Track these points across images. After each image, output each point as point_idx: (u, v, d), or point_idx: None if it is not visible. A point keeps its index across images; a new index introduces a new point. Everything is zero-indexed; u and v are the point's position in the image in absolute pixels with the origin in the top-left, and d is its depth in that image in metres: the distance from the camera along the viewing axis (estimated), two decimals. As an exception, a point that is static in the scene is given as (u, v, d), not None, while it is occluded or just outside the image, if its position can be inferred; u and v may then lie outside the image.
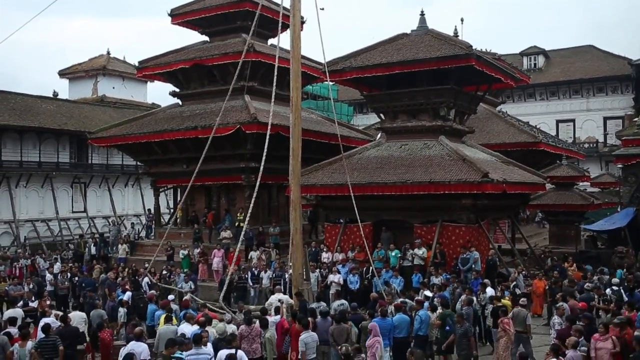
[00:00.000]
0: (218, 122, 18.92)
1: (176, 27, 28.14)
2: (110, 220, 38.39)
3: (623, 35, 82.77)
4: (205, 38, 28.33)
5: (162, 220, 30.43)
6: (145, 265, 20.59)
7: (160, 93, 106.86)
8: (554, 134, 44.45)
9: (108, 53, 50.68)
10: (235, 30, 26.63)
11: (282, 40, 16.58)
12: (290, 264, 15.77)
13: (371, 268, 17.95)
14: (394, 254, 19.89)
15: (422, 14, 23.29)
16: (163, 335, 11.70)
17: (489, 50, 30.51)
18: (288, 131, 15.31)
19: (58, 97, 43.23)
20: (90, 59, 50.70)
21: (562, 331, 12.09)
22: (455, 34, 28.90)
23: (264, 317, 12.74)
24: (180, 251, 22.92)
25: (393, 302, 14.18)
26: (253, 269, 20.05)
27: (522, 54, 51.25)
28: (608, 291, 15.61)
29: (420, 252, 19.48)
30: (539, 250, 25.32)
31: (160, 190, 29.91)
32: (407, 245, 20.06)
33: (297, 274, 15.00)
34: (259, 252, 21.76)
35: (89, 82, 48.72)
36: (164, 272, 20.67)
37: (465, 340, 12.29)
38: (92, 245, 26.87)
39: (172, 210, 33.09)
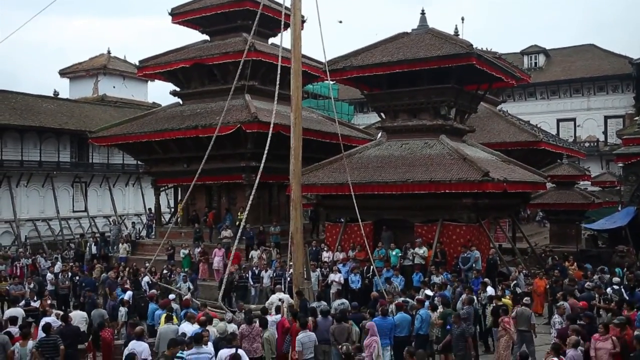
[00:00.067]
0: (222, 121, 18.92)
1: (176, 26, 28.16)
2: (111, 219, 38.41)
3: (624, 34, 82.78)
4: (206, 37, 28.34)
5: (162, 219, 30.48)
6: (146, 265, 20.60)
7: (160, 92, 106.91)
8: (554, 133, 44.45)
9: (108, 52, 50.66)
10: (236, 30, 26.63)
11: (283, 39, 16.59)
12: (291, 263, 15.77)
13: (372, 267, 17.97)
14: (395, 253, 19.91)
15: (422, 13, 23.29)
16: (164, 335, 11.70)
17: (489, 49, 30.57)
18: (289, 130, 15.29)
19: (59, 96, 43.20)
20: (91, 58, 50.67)
21: (563, 330, 12.07)
22: (456, 33, 28.93)
23: (263, 316, 12.74)
24: (181, 250, 22.93)
25: (394, 301, 14.20)
26: (254, 268, 20.07)
27: (523, 52, 51.21)
28: (609, 290, 15.60)
29: (421, 251, 19.49)
30: (540, 249, 25.33)
31: (161, 189, 29.92)
32: (408, 245, 20.07)
33: (297, 273, 14.99)
34: (259, 251, 21.78)
35: (90, 81, 48.71)
36: (164, 271, 20.68)
37: (462, 341, 12.29)
38: (92, 245, 26.88)
39: (172, 210, 33.11)
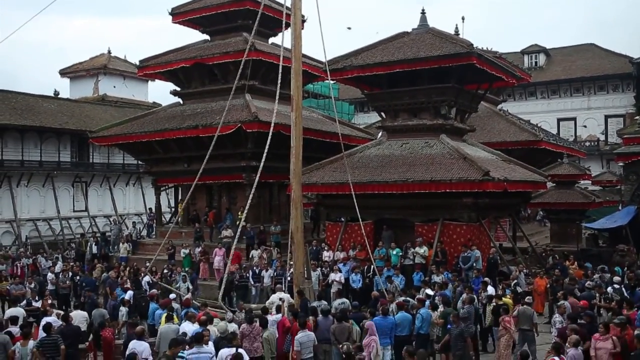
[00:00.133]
0: (222, 121, 18.92)
1: (177, 26, 28.15)
2: (111, 219, 38.38)
3: (624, 34, 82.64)
4: (206, 37, 28.33)
5: (163, 219, 30.49)
6: (147, 264, 20.61)
7: (161, 92, 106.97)
8: (555, 132, 44.46)
9: (109, 52, 50.65)
10: (236, 29, 26.63)
11: (281, 39, 16.62)
12: (291, 263, 15.78)
13: (372, 267, 17.98)
14: (395, 252, 19.91)
15: (423, 13, 23.28)
16: (164, 334, 11.71)
17: (490, 48, 30.55)
18: (289, 130, 15.31)
19: (59, 96, 43.21)
20: (91, 58, 50.66)
21: (564, 329, 12.07)
22: (456, 32, 28.94)
23: (263, 316, 12.74)
24: (182, 250, 22.94)
25: (394, 301, 14.20)
26: (254, 268, 20.08)
27: (523, 52, 51.23)
28: (609, 289, 15.60)
29: (422, 251, 19.48)
30: (540, 248, 25.32)
31: (162, 189, 29.94)
32: (409, 244, 20.07)
33: (298, 273, 15.01)
34: (260, 250, 21.79)
35: (90, 81, 48.70)
36: (165, 271, 20.69)
37: (460, 341, 12.30)
38: (93, 245, 26.88)
39: (173, 209, 33.13)
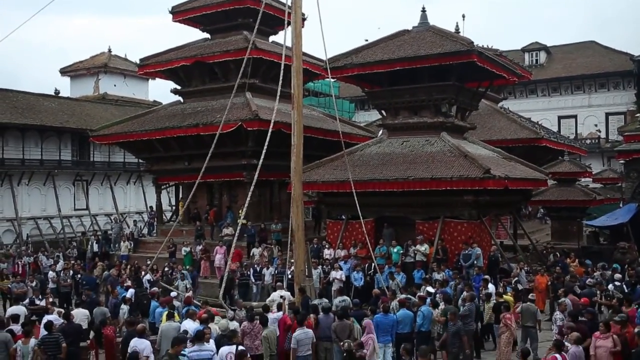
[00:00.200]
0: (223, 119, 18.93)
1: (177, 24, 28.15)
2: (112, 217, 38.45)
3: (625, 31, 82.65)
4: (207, 35, 28.32)
5: (164, 217, 30.51)
6: (148, 263, 20.63)
7: (161, 91, 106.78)
8: (555, 130, 44.39)
9: (109, 51, 50.61)
10: (237, 28, 26.62)
11: (283, 37, 16.63)
12: (292, 261, 15.79)
13: (373, 264, 17.99)
14: (396, 250, 19.93)
15: (423, 10, 23.25)
16: (165, 332, 11.72)
17: (490, 46, 30.55)
18: (289, 128, 15.30)
19: (60, 95, 43.22)
20: (92, 57, 50.63)
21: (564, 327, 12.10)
22: (457, 30, 28.86)
23: (263, 314, 12.75)
24: (183, 248, 22.96)
25: (395, 298, 14.21)
26: (255, 266, 20.11)
27: (524, 50, 51.17)
28: (610, 287, 15.61)
29: (423, 249, 19.49)
30: (541, 246, 25.33)
31: (162, 187, 29.96)
32: (409, 242, 20.08)
33: (299, 271, 15.02)
34: (261, 248, 21.81)
35: (91, 80, 48.70)
36: (165, 269, 20.71)
37: (457, 339, 12.31)
38: (94, 243, 26.92)
39: (173, 208, 33.16)
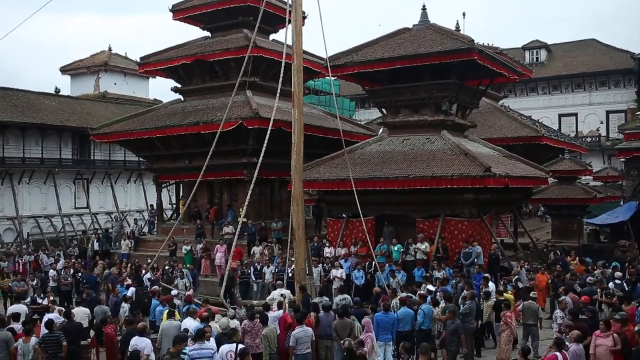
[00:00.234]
0: (224, 117, 18.93)
1: (177, 23, 28.15)
2: (113, 216, 38.44)
3: (626, 29, 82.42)
4: (207, 34, 28.31)
5: (164, 215, 30.52)
6: (148, 261, 20.65)
7: (162, 89, 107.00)
8: (556, 128, 44.35)
9: (110, 49, 50.58)
10: (237, 26, 26.62)
11: (284, 35, 16.65)
12: (292, 259, 15.79)
13: (374, 263, 17.99)
14: (397, 248, 19.93)
15: (423, 9, 23.21)
16: (166, 331, 11.73)
17: (490, 44, 30.51)
18: (290, 126, 15.30)
19: (60, 93, 43.22)
20: (92, 56, 50.61)
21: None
22: (457, 28, 28.84)
23: (263, 313, 12.78)
24: (183, 247, 22.97)
25: (395, 296, 14.21)
26: (256, 264, 20.12)
27: (524, 48, 51.13)
28: (611, 285, 15.61)
29: (423, 247, 19.49)
30: (542, 244, 25.32)
31: (163, 186, 29.97)
32: (410, 240, 20.08)
33: (299, 269, 15.03)
34: (261, 247, 21.81)
35: (91, 78, 48.70)
36: (166, 267, 20.73)
37: (455, 337, 12.33)
38: (95, 241, 26.93)
39: (174, 206, 33.18)
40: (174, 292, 16.24)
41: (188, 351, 10.18)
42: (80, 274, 21.06)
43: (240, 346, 10.44)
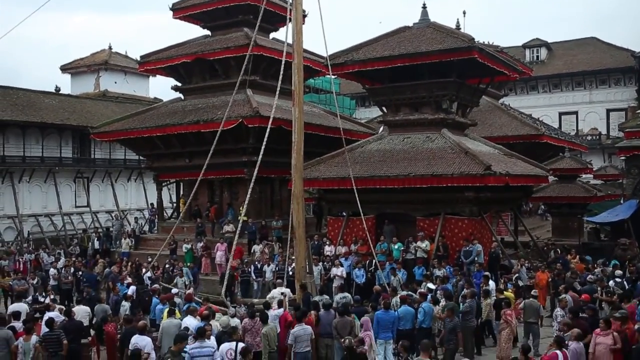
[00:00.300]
0: (225, 116, 18.91)
1: (178, 21, 28.15)
2: (113, 214, 38.46)
3: (626, 27, 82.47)
4: (207, 32, 28.29)
5: (165, 214, 30.52)
6: (149, 260, 20.66)
7: (162, 88, 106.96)
8: (556, 126, 44.35)
9: (110, 48, 50.55)
10: (237, 24, 26.61)
11: (284, 34, 16.66)
12: (292, 258, 15.79)
13: (374, 261, 18.00)
14: (397, 247, 19.93)
15: (424, 7, 23.23)
16: (166, 329, 11.74)
17: (491, 42, 30.48)
18: (290, 125, 15.30)
19: (60, 92, 43.23)
20: (92, 54, 50.61)
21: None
22: (458, 26, 28.79)
23: (263, 311, 12.79)
24: (184, 245, 22.98)
25: (396, 295, 14.22)
26: (256, 263, 20.12)
27: (525, 46, 51.10)
28: (611, 283, 15.61)
29: (423, 245, 19.50)
30: (542, 242, 25.33)
31: (163, 184, 29.96)
32: (410, 238, 20.09)
33: (300, 268, 15.04)
34: (262, 245, 21.82)
35: (91, 77, 48.72)
36: (166, 265, 20.74)
37: (453, 335, 12.36)
38: (95, 240, 26.94)
39: (174, 205, 33.18)
40: (175, 290, 16.25)
41: (188, 349, 10.20)
42: (80, 273, 21.07)
43: (242, 344, 10.45)
